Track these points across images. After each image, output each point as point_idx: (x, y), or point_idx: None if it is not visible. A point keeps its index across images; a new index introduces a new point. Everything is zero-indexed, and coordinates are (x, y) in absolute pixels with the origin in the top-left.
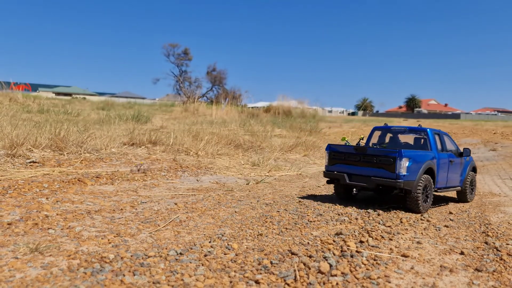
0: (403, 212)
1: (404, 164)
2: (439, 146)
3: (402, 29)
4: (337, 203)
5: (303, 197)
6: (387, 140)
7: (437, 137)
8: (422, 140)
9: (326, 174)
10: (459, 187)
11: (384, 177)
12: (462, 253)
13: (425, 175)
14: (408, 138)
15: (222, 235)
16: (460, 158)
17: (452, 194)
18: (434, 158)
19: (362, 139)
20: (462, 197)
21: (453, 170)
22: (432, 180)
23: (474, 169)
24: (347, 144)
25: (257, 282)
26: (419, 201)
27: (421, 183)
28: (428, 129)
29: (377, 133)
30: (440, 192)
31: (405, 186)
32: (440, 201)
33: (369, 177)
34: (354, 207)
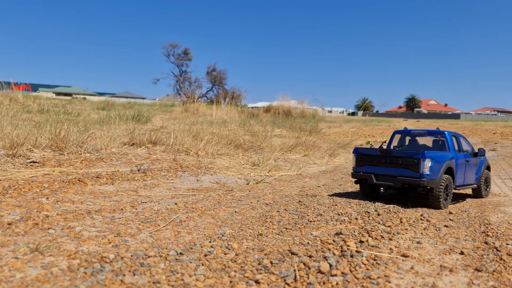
0: (403, 212)
1: (427, 164)
2: (456, 147)
3: (402, 29)
4: (337, 203)
5: (303, 197)
6: (406, 142)
7: (454, 139)
8: (440, 142)
9: (354, 175)
10: (475, 185)
11: (409, 176)
12: (462, 253)
13: (445, 175)
14: (426, 140)
15: (222, 235)
16: (475, 158)
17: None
18: (452, 159)
19: (385, 142)
20: (477, 194)
21: (470, 169)
22: (451, 179)
23: (488, 168)
24: (372, 147)
25: (257, 282)
26: (441, 199)
27: (443, 181)
28: (446, 132)
29: (397, 136)
30: (458, 189)
31: (428, 184)
32: (457, 197)
33: (395, 177)
34: (354, 207)
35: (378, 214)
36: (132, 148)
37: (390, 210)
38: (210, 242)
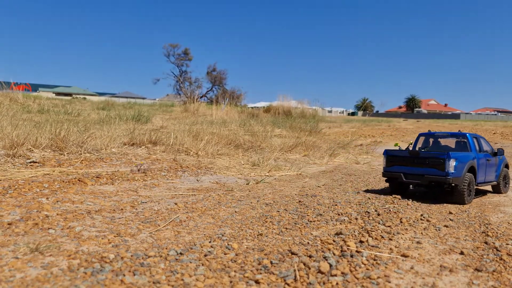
0: (403, 212)
1: (452, 164)
2: (477, 148)
3: (402, 30)
4: (337, 203)
5: (303, 197)
6: (430, 144)
7: (475, 140)
8: (462, 143)
9: (384, 174)
10: (495, 182)
11: (436, 174)
12: (462, 253)
13: (468, 173)
14: (448, 142)
15: (222, 235)
16: (495, 157)
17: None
18: (474, 158)
19: (411, 144)
20: (497, 190)
21: (490, 168)
22: (474, 177)
23: (506, 166)
24: (400, 149)
25: (257, 282)
26: (465, 194)
27: (466, 179)
28: (467, 134)
29: (422, 138)
30: (479, 186)
31: (453, 181)
32: (478, 193)
33: (422, 175)
34: (354, 207)
35: (378, 214)
36: (132, 148)
37: (390, 210)
38: (210, 242)
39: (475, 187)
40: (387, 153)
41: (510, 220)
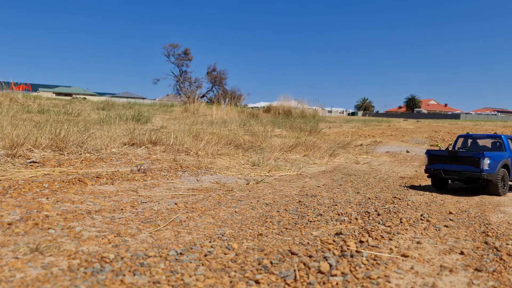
0: (403, 212)
1: (486, 162)
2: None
3: (402, 30)
4: (337, 203)
5: (303, 197)
6: (468, 144)
7: (509, 141)
8: (498, 143)
9: (426, 171)
10: None
11: (472, 171)
12: (462, 253)
13: (502, 169)
14: (485, 142)
15: (222, 235)
16: None
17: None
18: (508, 157)
19: (451, 144)
20: None
21: None
22: (507, 173)
23: None
24: (440, 149)
25: (257, 282)
26: (499, 188)
27: (500, 175)
28: (502, 136)
29: (461, 140)
30: None
31: (487, 177)
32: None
33: (460, 172)
34: (354, 207)
35: (378, 214)
36: (132, 148)
37: (390, 210)
38: (210, 242)
39: (510, 182)
40: (429, 153)
41: (510, 220)
